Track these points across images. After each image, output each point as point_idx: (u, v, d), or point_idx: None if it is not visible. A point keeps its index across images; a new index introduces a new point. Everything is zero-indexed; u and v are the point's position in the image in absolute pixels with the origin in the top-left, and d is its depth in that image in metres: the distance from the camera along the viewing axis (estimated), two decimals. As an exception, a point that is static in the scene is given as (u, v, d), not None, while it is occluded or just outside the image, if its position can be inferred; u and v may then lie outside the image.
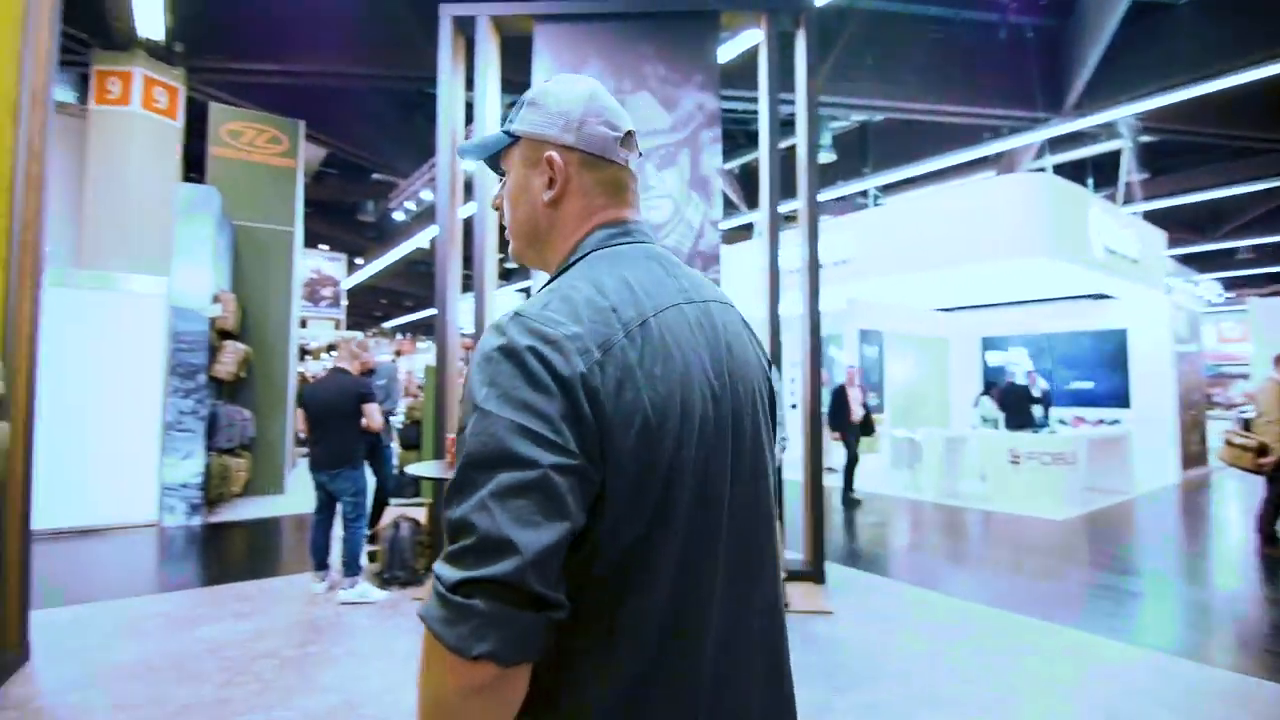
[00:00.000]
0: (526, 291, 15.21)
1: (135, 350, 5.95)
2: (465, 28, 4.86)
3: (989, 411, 8.28)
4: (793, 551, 4.67)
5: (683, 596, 0.65)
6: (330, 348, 15.47)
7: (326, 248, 16.03)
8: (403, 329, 30.32)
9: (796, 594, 4.07)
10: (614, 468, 0.62)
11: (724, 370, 0.73)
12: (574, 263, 0.76)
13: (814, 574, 4.36)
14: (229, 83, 8.47)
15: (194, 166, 9.11)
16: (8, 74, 2.79)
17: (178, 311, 6.09)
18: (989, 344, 11.34)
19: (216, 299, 6.50)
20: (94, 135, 7.67)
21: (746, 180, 13.24)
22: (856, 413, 7.59)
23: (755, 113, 10.14)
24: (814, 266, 4.49)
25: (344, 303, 15.95)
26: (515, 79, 5.20)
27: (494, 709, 0.58)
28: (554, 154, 0.78)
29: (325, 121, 9.91)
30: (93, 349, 5.75)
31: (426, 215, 12.87)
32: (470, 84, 4.92)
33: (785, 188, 4.60)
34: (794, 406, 6.88)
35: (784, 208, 4.60)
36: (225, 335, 6.80)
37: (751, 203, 13.53)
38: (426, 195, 12.25)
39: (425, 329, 28.26)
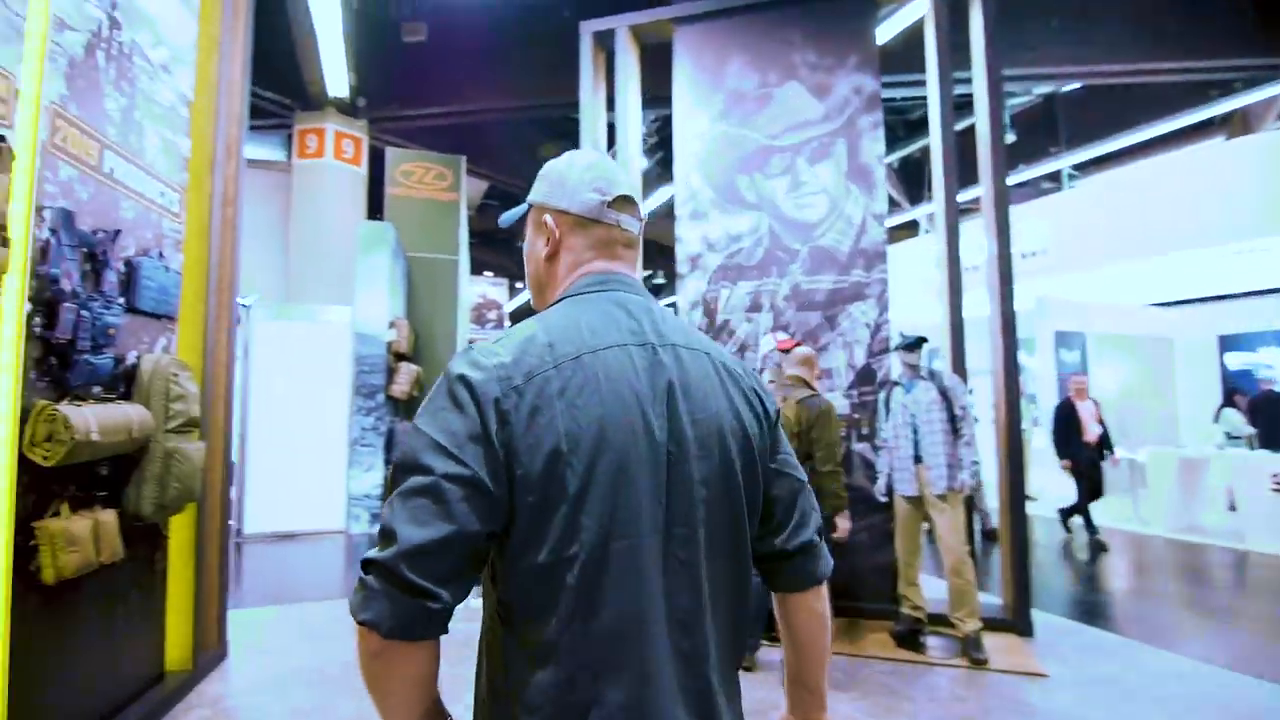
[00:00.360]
0: (673, 306, 15.30)
1: (328, 373, 6.61)
2: (605, 42, 4.82)
3: (1236, 426, 6.73)
4: (990, 596, 3.98)
5: (590, 625, 0.69)
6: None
7: (490, 274, 17.26)
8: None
9: (997, 648, 3.41)
10: (521, 486, 0.69)
11: (673, 410, 0.77)
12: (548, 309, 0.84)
13: (1017, 625, 3.66)
14: (402, 129, 9.31)
15: (375, 207, 10.12)
16: (205, 130, 3.11)
17: (360, 337, 6.69)
18: (1229, 344, 9.32)
19: (392, 324, 7.06)
20: (296, 186, 8.76)
21: (907, 174, 12.19)
22: (1091, 431, 6.14)
23: (915, 99, 9.26)
24: (1005, 259, 3.82)
25: (507, 324, 17.01)
26: (657, 93, 5.08)
27: (392, 676, 0.68)
28: (548, 217, 0.88)
29: (484, 156, 10.58)
30: (296, 373, 6.47)
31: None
32: (611, 103, 4.87)
33: (961, 175, 3.99)
34: (976, 420, 6.06)
35: (960, 197, 3.99)
36: (400, 357, 7.38)
37: (914, 198, 12.41)
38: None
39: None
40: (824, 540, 0.92)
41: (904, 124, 10.40)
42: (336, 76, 7.97)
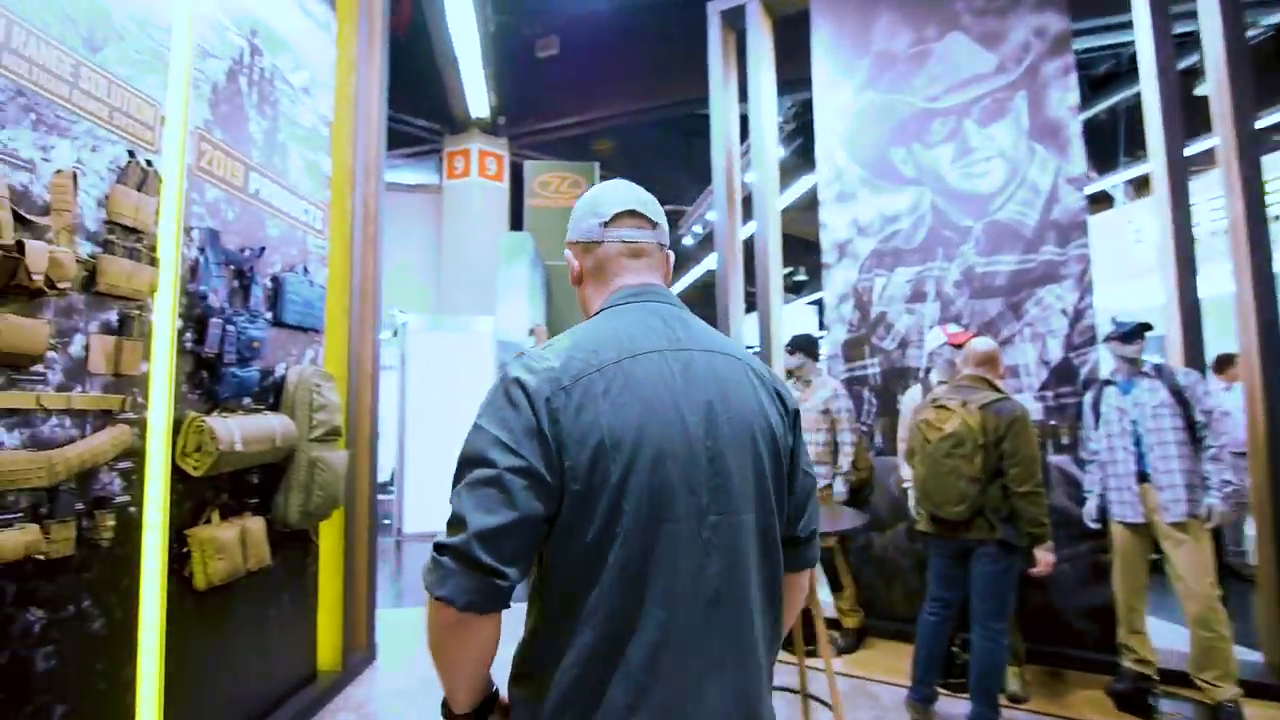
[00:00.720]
0: (818, 303, 14.42)
1: (475, 380, 6.86)
2: (735, 21, 4.49)
3: None
4: (1246, 651, 3.12)
5: (625, 597, 0.77)
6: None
7: (628, 280, 17.43)
8: (699, 351, 31.55)
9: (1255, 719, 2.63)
10: (570, 476, 0.78)
11: (708, 410, 0.84)
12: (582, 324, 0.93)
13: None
14: (539, 142, 9.57)
15: (516, 219, 10.51)
16: (344, 150, 3.22)
17: (502, 344, 6.87)
18: None
19: (532, 331, 7.20)
20: (447, 206, 9.29)
21: (1093, 140, 10.52)
22: None
23: (1102, 50, 7.91)
24: (1255, 220, 2.99)
25: (645, 329, 17.04)
26: (792, 76, 4.67)
27: (464, 646, 0.79)
28: (568, 250, 1.02)
29: (617, 161, 10.62)
30: (447, 381, 6.79)
31: (712, 238, 13.02)
32: (744, 93, 4.54)
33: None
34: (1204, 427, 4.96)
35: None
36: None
37: (1102, 167, 10.69)
38: (713, 217, 12.39)
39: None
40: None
41: (1088, 80, 8.95)
42: (478, 98, 8.33)
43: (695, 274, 15.75)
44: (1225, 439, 2.71)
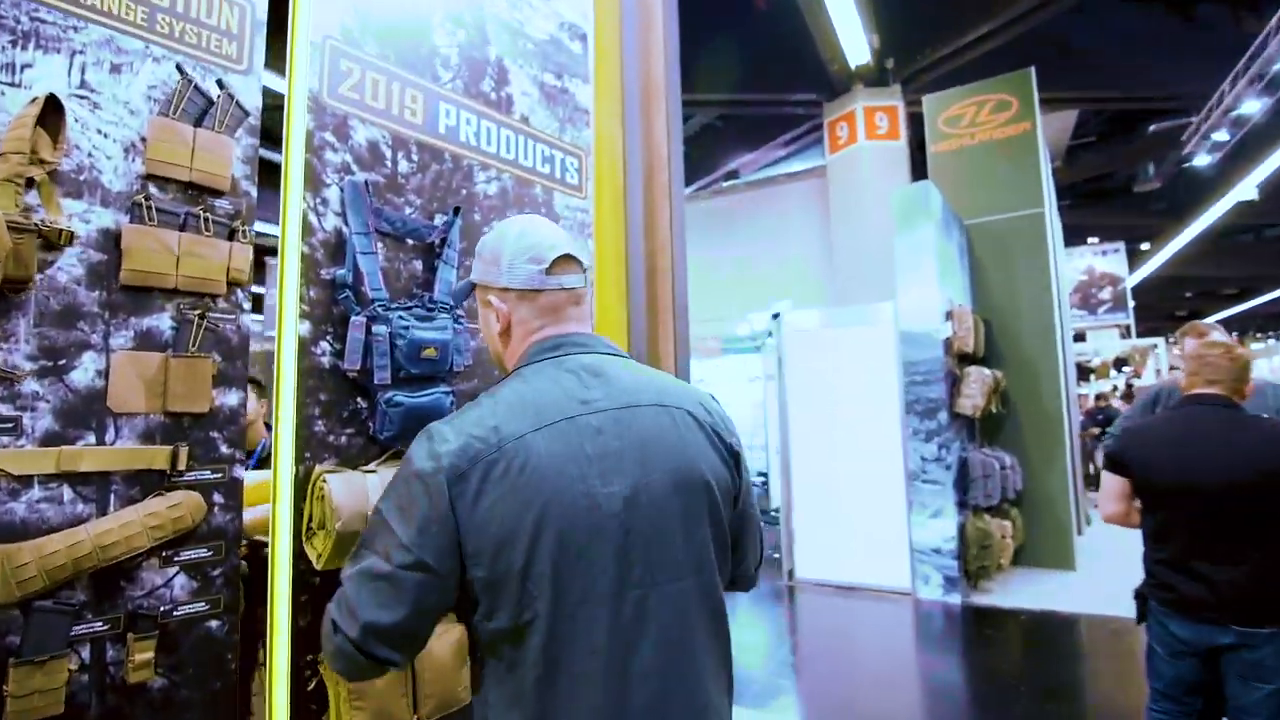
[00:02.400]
0: None
1: (874, 387, 5.33)
2: None
3: None
4: None
5: (549, 682, 0.79)
6: (1119, 363, 12.20)
7: (1095, 240, 12.96)
8: (1232, 325, 22.31)
9: None
10: (473, 563, 0.80)
11: (624, 476, 0.83)
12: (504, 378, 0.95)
13: None
14: (942, 75, 7.45)
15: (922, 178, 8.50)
16: (609, 69, 2.28)
17: (906, 337, 5.17)
18: None
19: (949, 316, 5.28)
20: (832, 184, 7.98)
21: None
22: None
23: None
24: None
25: (1131, 304, 12.40)
26: None
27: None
28: (492, 297, 0.99)
29: (1061, 69, 7.60)
30: (838, 389, 5.44)
31: (1245, 153, 8.42)
32: None
33: None
34: None
35: None
36: (965, 359, 5.49)
37: None
38: (1246, 114, 7.95)
39: (1263, 322, 20.03)
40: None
41: None
42: (856, 44, 6.84)
43: (1211, 215, 10.63)
44: None
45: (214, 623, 1.22)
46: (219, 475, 1.24)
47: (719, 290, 9.12)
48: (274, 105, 1.41)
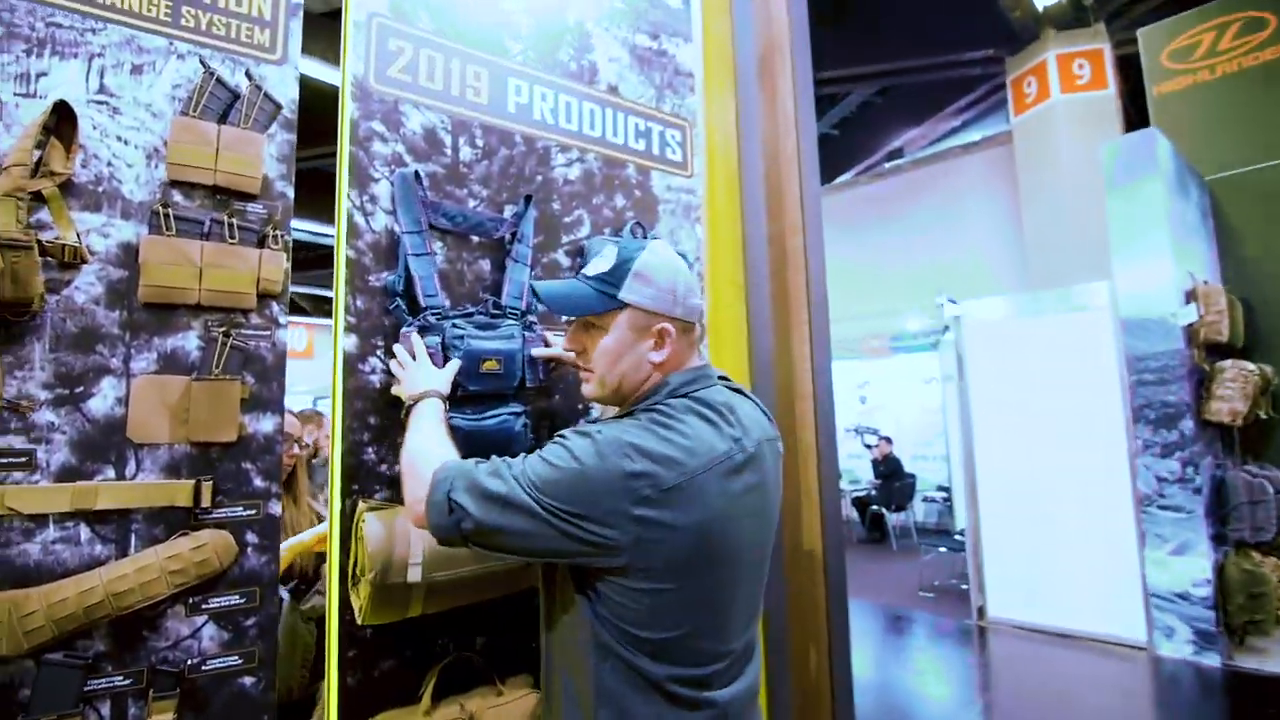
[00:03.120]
0: None
1: (1084, 386, 4.37)
2: None
3: None
4: None
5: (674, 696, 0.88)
6: None
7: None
8: None
9: None
10: (640, 575, 0.86)
11: (761, 515, 0.96)
12: (657, 403, 0.94)
13: None
14: (1161, 2, 6.06)
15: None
16: (719, 22, 1.93)
17: (1129, 325, 4.16)
18: None
19: (1192, 296, 4.16)
20: (1019, 150, 6.85)
21: None
22: None
23: None
24: None
25: None
26: None
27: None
28: (669, 326, 0.96)
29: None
30: (1039, 392, 4.54)
31: None
32: None
33: None
34: None
35: None
36: (1216, 351, 4.29)
37: None
38: None
39: None
40: None
41: None
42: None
43: None
44: None
45: (247, 679, 1.08)
46: (252, 512, 1.10)
47: (885, 283, 8.25)
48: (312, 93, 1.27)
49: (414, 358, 1.14)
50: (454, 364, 1.19)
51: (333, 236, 1.24)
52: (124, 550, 1.00)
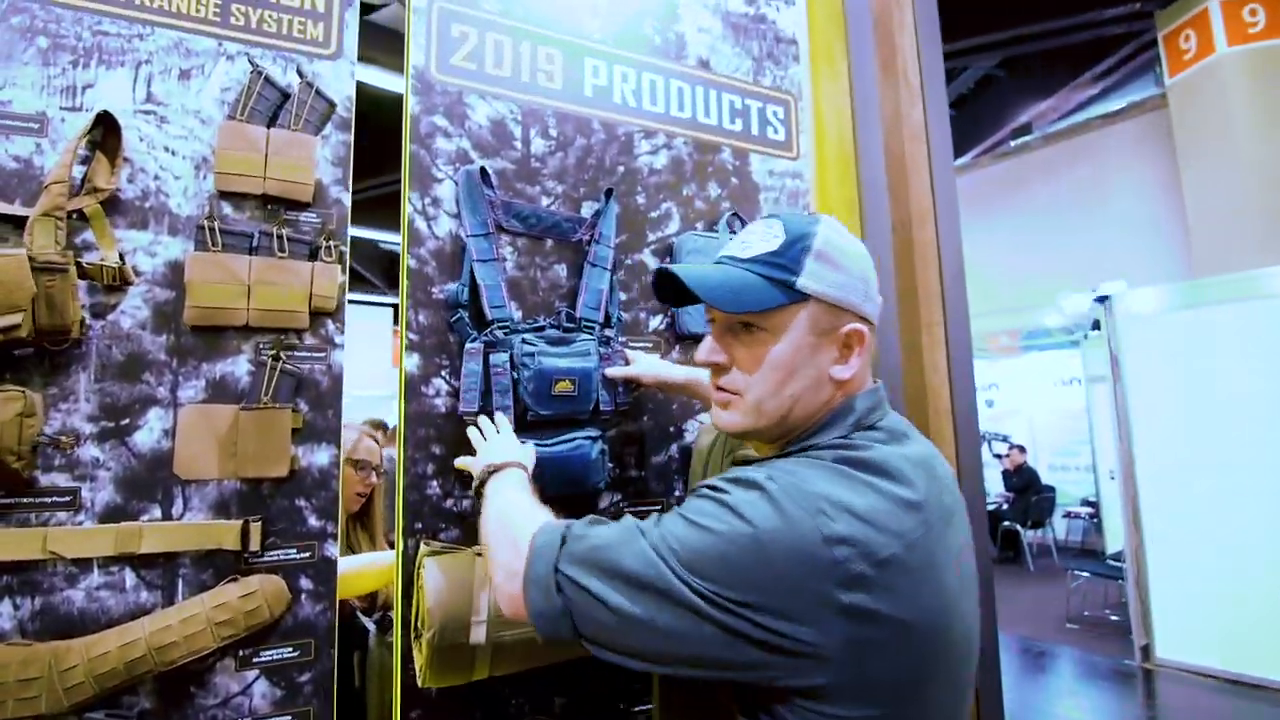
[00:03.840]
0: None
1: (1268, 387, 3.65)
2: None
3: None
4: None
5: None
6: None
7: None
8: None
9: None
10: (828, 671, 0.57)
11: (972, 596, 0.68)
12: (842, 440, 0.67)
13: None
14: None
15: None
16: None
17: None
18: None
19: None
20: (1176, 115, 5.97)
21: None
22: None
23: None
24: None
25: None
26: None
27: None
28: (861, 328, 0.69)
29: None
30: (1204, 389, 3.86)
31: None
32: None
33: None
34: None
35: None
36: None
37: None
38: None
39: None
40: None
41: None
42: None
43: None
44: None
45: (304, 746, 0.97)
46: (306, 555, 0.99)
47: (1014, 274, 7.47)
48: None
49: (497, 431, 0.99)
50: (531, 450, 1.01)
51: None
52: (170, 597, 0.91)
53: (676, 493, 1.31)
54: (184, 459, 0.93)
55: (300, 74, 1.05)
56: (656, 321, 1.33)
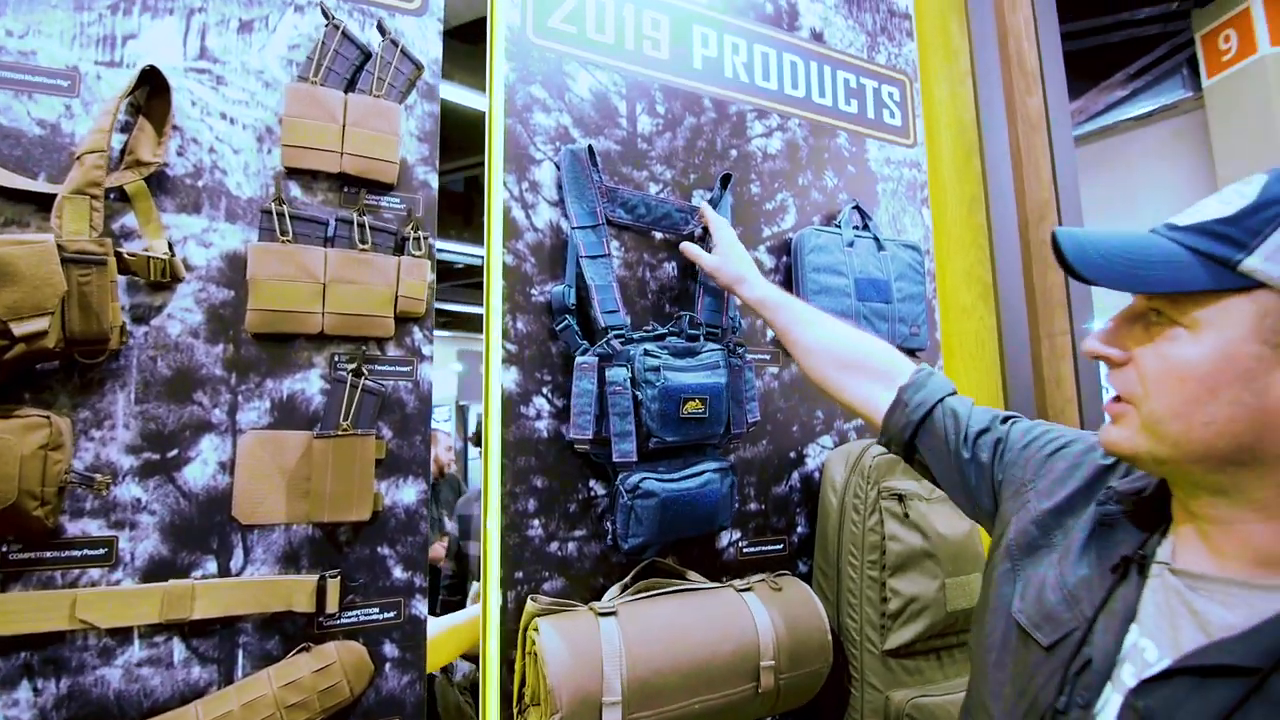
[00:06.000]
0: None
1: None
2: None
3: None
4: None
5: None
6: None
7: None
8: None
9: None
10: None
11: None
12: None
13: None
14: None
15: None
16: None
17: None
18: None
19: None
20: (1214, 118, 5.80)
21: None
22: None
23: None
24: None
25: None
26: None
27: None
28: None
29: None
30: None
31: None
32: None
33: None
34: None
35: None
36: None
37: None
38: None
39: None
40: None
41: None
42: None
43: None
44: None
45: None
46: (391, 615, 0.81)
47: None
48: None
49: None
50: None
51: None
52: (229, 674, 0.73)
53: (800, 529, 1.13)
54: (245, 499, 0.75)
55: (382, 30, 0.87)
56: (772, 329, 1.15)
